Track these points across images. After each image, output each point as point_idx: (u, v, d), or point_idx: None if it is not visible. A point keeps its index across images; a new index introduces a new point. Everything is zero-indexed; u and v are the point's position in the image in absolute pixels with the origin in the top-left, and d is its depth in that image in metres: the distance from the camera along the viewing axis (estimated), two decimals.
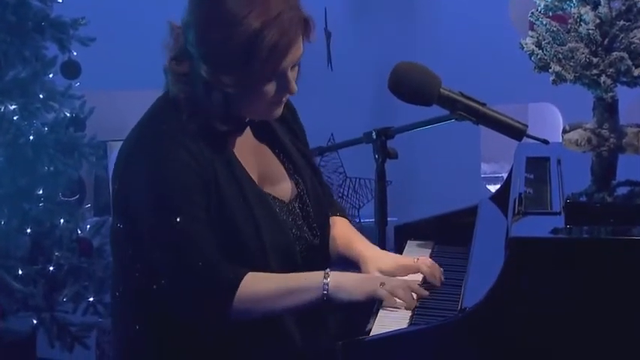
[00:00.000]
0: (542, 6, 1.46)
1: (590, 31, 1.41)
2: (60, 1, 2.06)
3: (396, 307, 1.18)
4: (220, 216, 1.18)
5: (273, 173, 1.27)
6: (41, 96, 2.00)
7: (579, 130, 1.45)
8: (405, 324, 1.17)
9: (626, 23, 1.42)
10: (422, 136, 1.72)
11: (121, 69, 2.31)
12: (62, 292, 1.99)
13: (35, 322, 2.01)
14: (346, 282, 1.18)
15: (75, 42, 2.05)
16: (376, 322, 1.18)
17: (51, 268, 1.99)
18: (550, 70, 1.42)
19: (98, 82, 2.19)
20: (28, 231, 1.98)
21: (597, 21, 1.42)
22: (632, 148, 1.42)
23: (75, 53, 2.05)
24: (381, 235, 1.43)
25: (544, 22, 1.44)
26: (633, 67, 1.40)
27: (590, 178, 1.37)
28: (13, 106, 1.97)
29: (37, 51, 2.02)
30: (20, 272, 1.96)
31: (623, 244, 1.12)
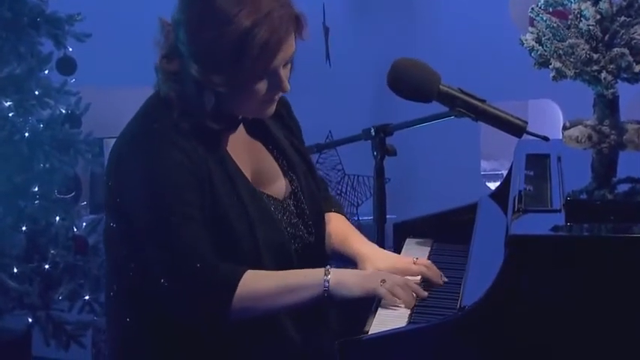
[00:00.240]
0: (542, 2, 1.45)
1: (591, 27, 1.41)
2: None
3: (396, 306, 1.18)
4: (214, 215, 1.18)
5: (267, 170, 1.26)
6: (37, 92, 1.99)
7: (580, 126, 1.45)
8: (404, 322, 1.16)
9: (627, 19, 1.41)
10: (421, 133, 1.71)
11: (117, 65, 2.29)
12: (58, 291, 1.99)
13: (30, 320, 2.00)
14: (347, 279, 1.18)
15: (70, 38, 2.04)
16: (375, 321, 1.17)
17: (46, 266, 1.98)
18: (550, 66, 1.42)
19: (94, 79, 2.18)
20: (24, 229, 1.98)
21: (598, 17, 1.41)
22: (633, 145, 1.42)
23: (70, 49, 2.04)
24: (380, 232, 1.42)
25: (544, 18, 1.44)
26: (634, 63, 1.40)
27: (590, 175, 1.36)
28: (8, 103, 1.97)
29: (33, 47, 2.01)
30: (15, 270, 1.95)
31: (623, 241, 1.11)
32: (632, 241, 1.11)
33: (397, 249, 1.43)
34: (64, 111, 2.03)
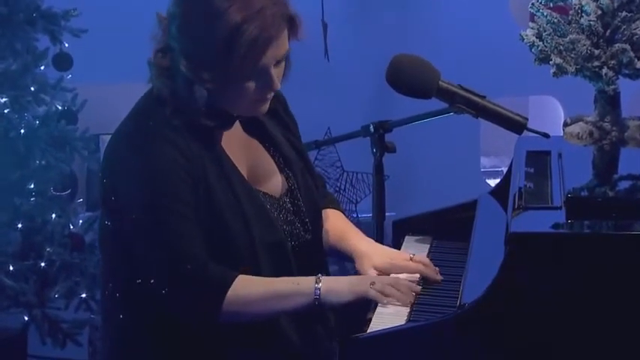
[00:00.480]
0: None
1: (592, 23, 1.40)
2: None
3: (392, 304, 1.17)
4: (209, 213, 1.17)
5: (263, 168, 1.25)
6: (32, 89, 1.98)
7: (580, 123, 1.45)
8: (403, 321, 1.16)
9: (629, 14, 1.41)
10: (420, 130, 1.70)
11: (113, 61, 2.28)
12: (54, 289, 1.98)
13: (26, 318, 1.99)
14: (337, 286, 1.17)
15: (67, 34, 2.03)
16: (374, 319, 1.17)
17: (42, 264, 1.97)
18: (551, 62, 1.42)
19: (90, 75, 2.17)
20: (19, 226, 1.96)
21: (599, 12, 1.41)
22: (634, 142, 1.42)
23: (67, 45, 2.03)
24: (379, 230, 1.42)
25: (545, 14, 1.43)
26: (635, 59, 1.39)
27: (591, 172, 1.36)
28: (4, 99, 1.96)
29: (28, 43, 2.00)
30: (11, 268, 1.95)
31: (624, 239, 1.11)
32: (633, 239, 1.11)
33: (396, 246, 1.43)
34: (60, 107, 2.01)
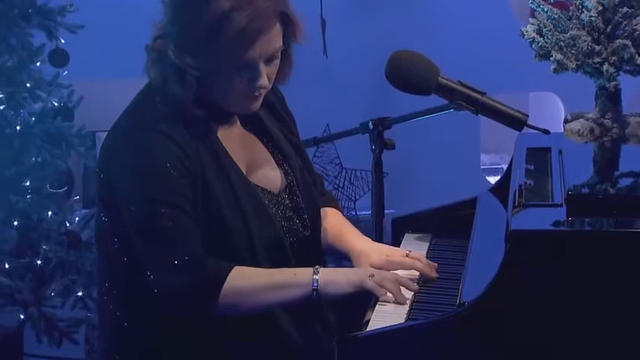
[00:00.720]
0: None
1: (593, 18, 1.39)
2: None
3: (386, 300, 1.17)
4: (207, 208, 1.17)
5: (261, 164, 1.25)
6: (28, 85, 1.98)
7: (581, 119, 1.44)
8: (402, 319, 1.15)
9: (630, 10, 1.41)
10: (420, 127, 1.70)
11: (110, 57, 2.28)
12: (50, 287, 1.97)
13: (22, 317, 1.98)
14: (335, 277, 1.17)
15: (63, 30, 2.02)
16: (373, 317, 1.17)
17: (38, 262, 1.97)
18: (551, 58, 1.42)
19: (87, 71, 2.16)
20: (15, 224, 1.96)
21: (600, 8, 1.40)
22: (636, 139, 1.41)
23: (63, 41, 2.02)
24: (378, 227, 1.41)
25: (545, 9, 1.43)
26: (637, 55, 1.39)
27: (592, 169, 1.35)
28: (0, 96, 1.93)
29: (24, 39, 1.99)
30: (7, 266, 1.94)
31: (625, 236, 1.11)
32: (634, 236, 1.10)
33: (395, 244, 1.42)
34: (56, 104, 2.01)
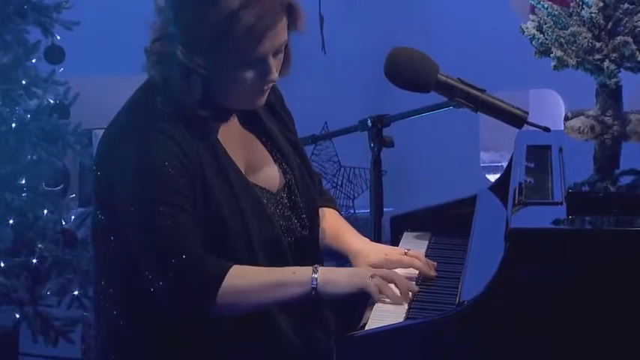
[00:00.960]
0: None
1: (593, 15, 1.39)
2: None
3: (385, 300, 1.17)
4: (206, 208, 1.16)
5: (260, 162, 1.25)
6: (24, 82, 1.97)
7: (582, 117, 1.43)
8: (401, 318, 1.15)
9: (631, 6, 1.40)
10: (419, 124, 1.69)
11: (106, 54, 2.27)
12: (46, 286, 1.97)
13: (18, 316, 1.98)
14: (335, 276, 1.17)
15: (58, 26, 2.01)
16: (371, 317, 1.16)
17: (34, 261, 1.96)
18: (552, 55, 1.41)
19: (83, 68, 2.16)
20: (11, 222, 1.95)
21: (600, 4, 1.39)
22: (637, 136, 1.41)
23: (58, 37, 2.01)
24: (377, 226, 1.41)
25: (545, 6, 1.42)
26: (637, 52, 1.38)
27: (592, 167, 1.35)
28: None
29: (19, 35, 1.98)
30: (2, 265, 1.93)
31: (626, 235, 1.10)
32: (635, 235, 1.10)
33: (394, 242, 1.42)
34: (52, 101, 2.00)
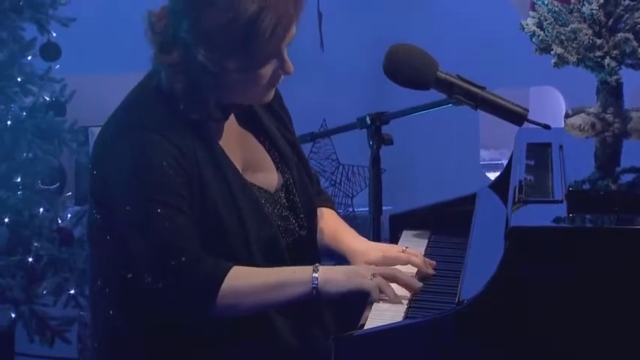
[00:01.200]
0: None
1: (594, 11, 1.38)
2: None
3: (383, 300, 1.17)
4: (203, 208, 1.16)
5: (258, 162, 1.24)
6: (19, 79, 1.95)
7: (582, 114, 1.43)
8: (400, 317, 1.14)
9: (632, 3, 1.39)
10: (418, 122, 1.68)
11: (103, 51, 2.26)
12: (42, 285, 1.96)
13: (13, 315, 1.97)
14: (335, 276, 1.16)
15: (54, 23, 2.00)
16: (370, 316, 1.16)
17: (30, 260, 1.95)
18: (552, 52, 1.40)
19: (79, 65, 2.15)
20: (6, 220, 1.94)
21: (601, 1, 1.38)
22: (637, 134, 1.40)
23: (54, 34, 2.00)
24: (376, 224, 1.40)
25: (546, 2, 1.42)
26: (639, 49, 1.36)
27: (593, 164, 1.34)
28: None
29: (15, 32, 1.97)
30: None
31: (627, 233, 1.10)
32: (636, 233, 1.09)
33: (393, 241, 1.42)
34: (47, 98, 1.99)
